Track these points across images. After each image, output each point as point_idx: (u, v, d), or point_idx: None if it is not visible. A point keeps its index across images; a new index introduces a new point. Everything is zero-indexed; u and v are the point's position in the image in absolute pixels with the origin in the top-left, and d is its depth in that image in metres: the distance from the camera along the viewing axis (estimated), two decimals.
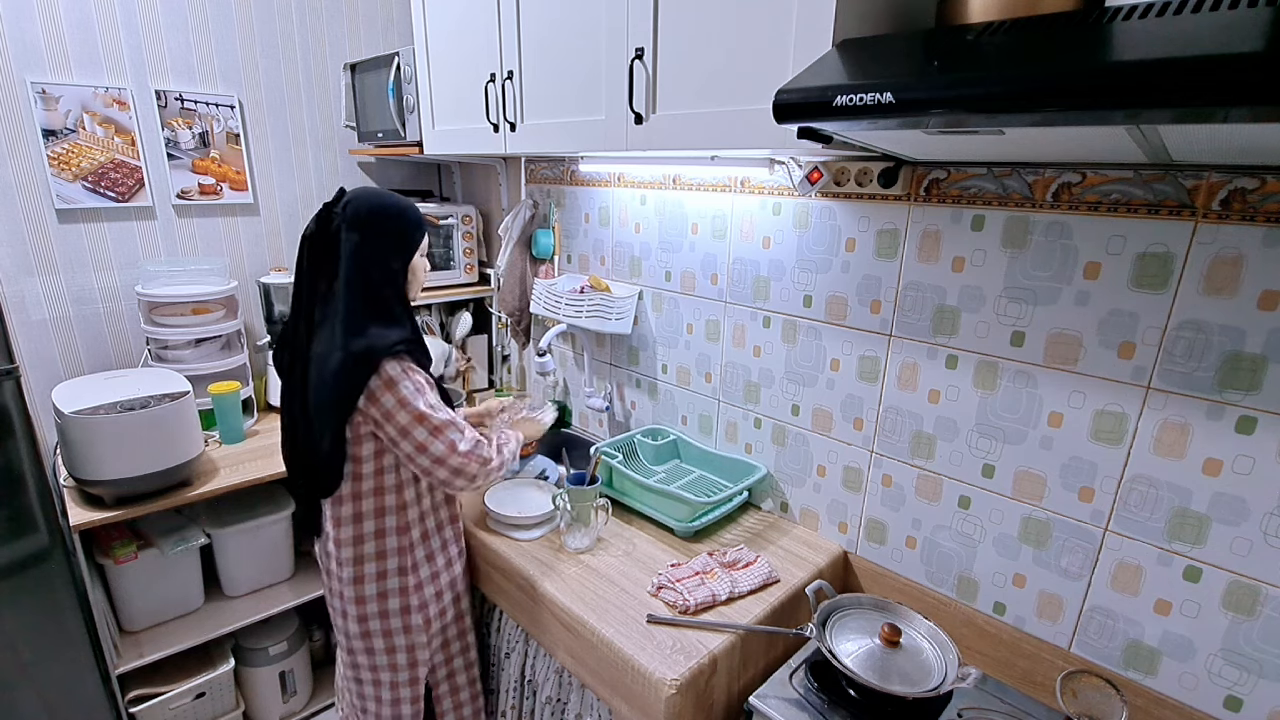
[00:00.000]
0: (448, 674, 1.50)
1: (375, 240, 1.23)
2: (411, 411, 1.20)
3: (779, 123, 0.85)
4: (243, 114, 2.06)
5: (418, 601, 1.36)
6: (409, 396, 1.20)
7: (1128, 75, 0.59)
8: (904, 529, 1.36)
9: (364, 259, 1.22)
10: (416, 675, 1.41)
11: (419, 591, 1.36)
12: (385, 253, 1.25)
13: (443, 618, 1.42)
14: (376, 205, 1.25)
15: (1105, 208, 1.01)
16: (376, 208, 1.25)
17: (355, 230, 1.22)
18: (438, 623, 1.41)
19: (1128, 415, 1.04)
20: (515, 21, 1.49)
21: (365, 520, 1.30)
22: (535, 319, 2.19)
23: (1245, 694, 0.99)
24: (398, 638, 1.36)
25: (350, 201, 1.24)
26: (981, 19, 0.87)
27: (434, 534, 1.38)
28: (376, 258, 1.24)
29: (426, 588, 1.37)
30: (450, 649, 1.48)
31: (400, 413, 1.20)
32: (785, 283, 1.45)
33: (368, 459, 1.26)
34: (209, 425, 1.88)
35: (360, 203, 1.24)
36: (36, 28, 1.71)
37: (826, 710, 1.11)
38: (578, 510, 1.42)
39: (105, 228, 1.90)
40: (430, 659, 1.43)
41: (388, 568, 1.33)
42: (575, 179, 1.92)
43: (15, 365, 1.40)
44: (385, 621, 1.34)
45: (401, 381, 1.20)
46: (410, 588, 1.35)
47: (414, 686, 1.42)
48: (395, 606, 1.34)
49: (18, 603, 1.48)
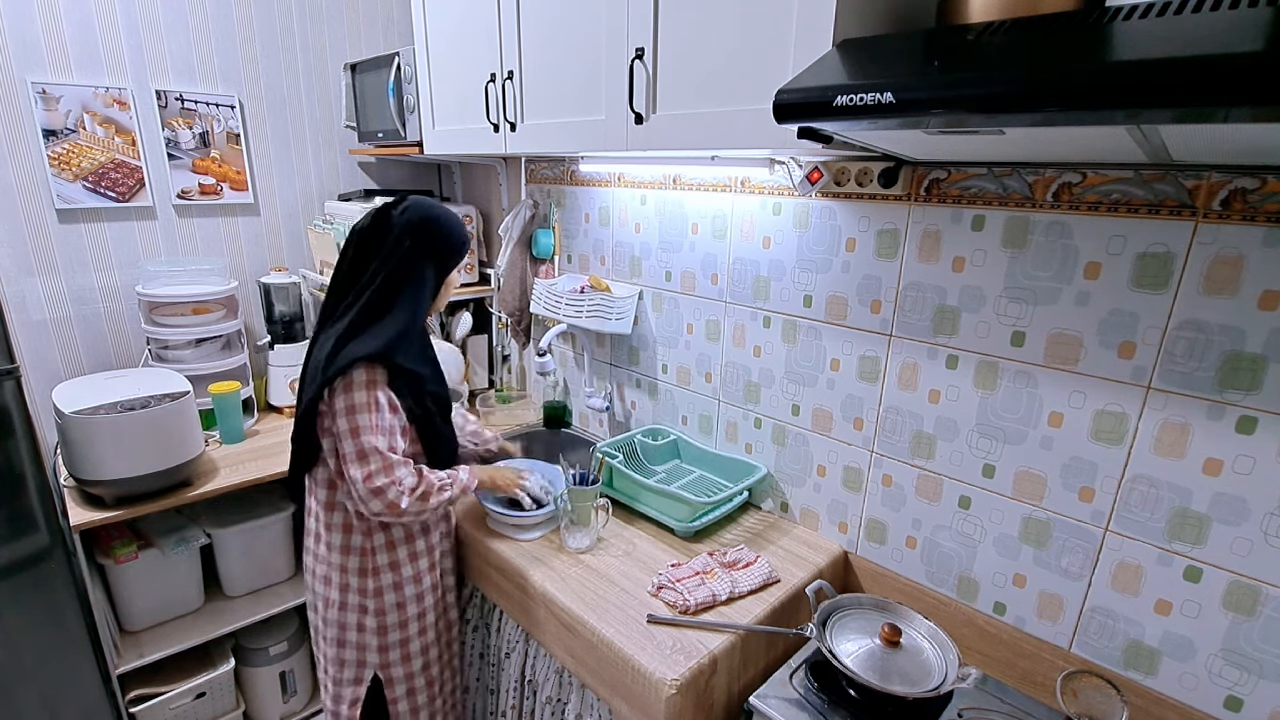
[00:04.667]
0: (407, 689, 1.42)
1: (424, 249, 1.28)
2: (350, 423, 1.20)
3: (779, 123, 0.85)
4: (243, 114, 2.06)
5: (375, 606, 1.34)
6: (357, 406, 1.20)
7: (1128, 75, 0.59)
8: (904, 529, 1.36)
9: (408, 264, 1.26)
10: (360, 675, 1.38)
11: (377, 597, 1.34)
12: (428, 263, 1.30)
13: (403, 629, 1.38)
14: (433, 216, 1.30)
15: (1105, 208, 1.01)
16: (433, 219, 1.29)
17: (409, 235, 1.26)
18: (396, 633, 1.37)
19: (1128, 415, 1.04)
20: (515, 21, 1.49)
21: (337, 510, 1.31)
22: (535, 319, 2.19)
23: (1245, 694, 0.99)
24: (349, 633, 1.36)
25: (410, 207, 1.29)
26: (982, 19, 0.87)
27: (401, 543, 1.35)
28: (419, 265, 1.28)
29: (386, 594, 1.35)
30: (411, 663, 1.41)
31: (341, 419, 1.20)
32: (785, 283, 1.45)
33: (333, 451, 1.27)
34: (209, 425, 1.88)
35: (419, 210, 1.29)
36: (37, 28, 1.71)
37: (827, 710, 1.11)
38: (578, 510, 1.42)
39: (105, 228, 1.90)
40: (381, 665, 1.38)
41: (349, 564, 1.33)
42: (575, 179, 1.92)
43: (15, 365, 1.40)
44: (342, 614, 1.35)
45: (357, 390, 1.20)
46: (369, 590, 1.33)
47: (356, 686, 1.39)
48: (353, 602, 1.34)
49: (18, 603, 1.48)
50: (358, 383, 1.21)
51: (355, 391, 1.20)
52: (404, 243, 1.26)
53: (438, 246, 1.30)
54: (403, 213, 1.28)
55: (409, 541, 1.37)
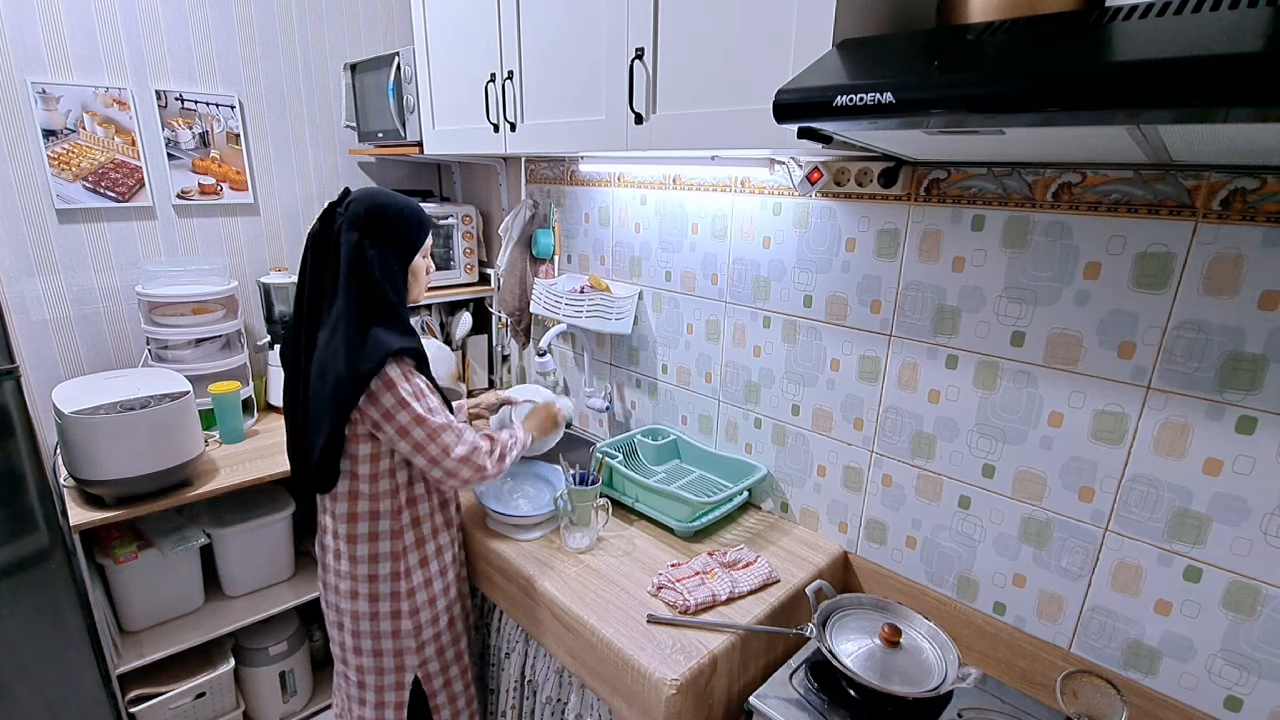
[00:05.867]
0: (444, 682, 1.47)
1: (374, 240, 1.24)
2: (410, 413, 1.21)
3: (779, 123, 0.85)
4: (243, 114, 2.06)
5: (409, 608, 1.35)
6: (408, 398, 1.21)
7: (1128, 75, 0.59)
8: (904, 529, 1.36)
9: (362, 258, 1.22)
10: (402, 680, 1.40)
11: (410, 598, 1.35)
12: (384, 253, 1.25)
13: (435, 624, 1.40)
14: (376, 205, 1.25)
15: (1105, 208, 1.01)
16: (376, 207, 1.25)
17: (355, 229, 1.22)
18: (429, 630, 1.39)
19: (1128, 415, 1.04)
20: (515, 21, 1.49)
21: (361, 521, 1.30)
22: (535, 319, 2.19)
23: (1245, 694, 0.99)
24: (385, 641, 1.36)
25: (352, 201, 1.25)
26: (982, 19, 0.87)
27: (429, 539, 1.38)
28: (375, 258, 1.23)
29: (419, 594, 1.36)
30: (445, 656, 1.45)
31: (400, 413, 1.21)
32: (785, 283, 1.45)
33: (365, 459, 1.26)
34: (209, 425, 1.88)
35: (361, 203, 1.24)
36: (37, 28, 1.71)
37: (826, 710, 1.11)
38: (578, 510, 1.42)
39: (105, 228, 1.90)
40: (420, 665, 1.41)
41: (380, 572, 1.32)
42: (575, 179, 1.92)
43: (15, 365, 1.40)
44: (375, 624, 1.35)
45: (400, 384, 1.21)
46: (403, 593, 1.34)
47: (399, 691, 1.40)
48: (386, 610, 1.34)
49: (18, 603, 1.48)
50: (397, 377, 1.21)
51: (400, 385, 1.21)
52: (357, 241, 1.22)
53: (389, 235, 1.25)
54: (346, 208, 1.24)
55: (434, 537, 1.39)
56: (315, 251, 1.26)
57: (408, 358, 1.26)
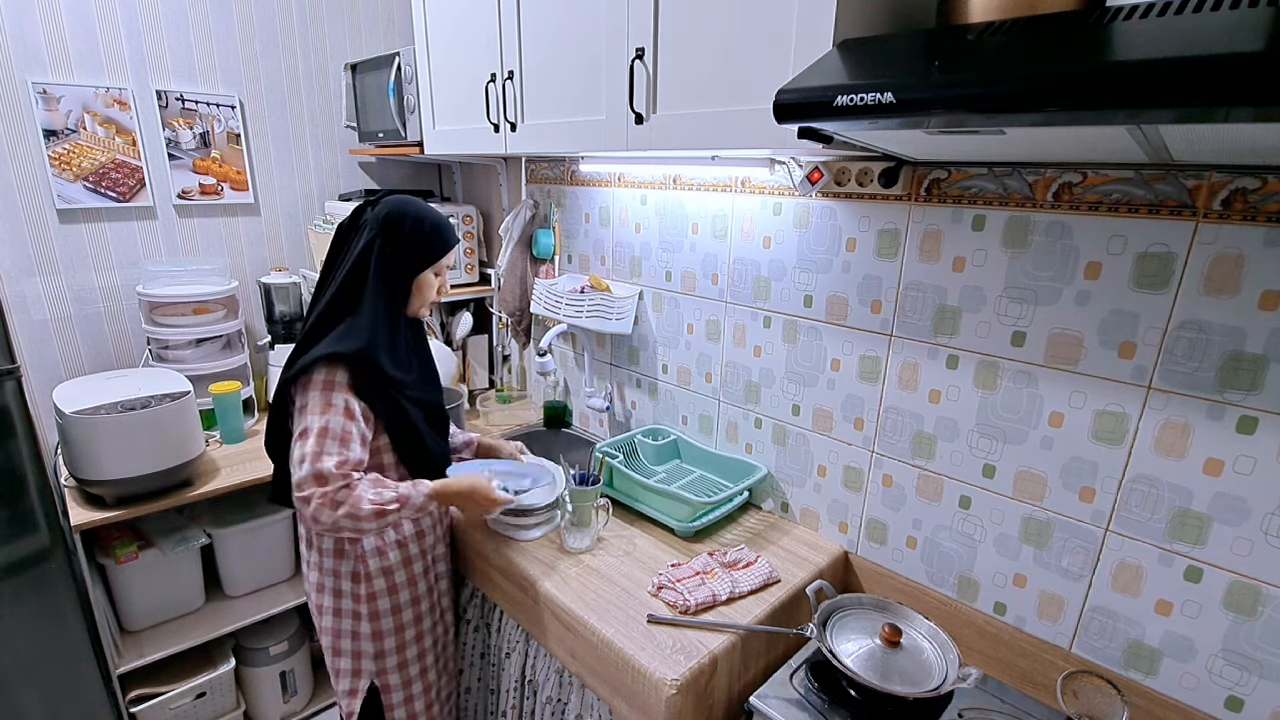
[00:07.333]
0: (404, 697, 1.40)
1: (387, 240, 1.24)
2: (305, 419, 1.17)
3: (780, 123, 0.84)
4: (243, 114, 2.06)
5: (368, 611, 1.32)
6: (308, 407, 1.17)
7: (1129, 75, 0.59)
8: (904, 529, 1.36)
9: (368, 255, 1.24)
10: (356, 686, 1.36)
11: (371, 602, 1.31)
12: (394, 256, 1.25)
13: (398, 635, 1.35)
14: (399, 211, 1.26)
15: (1106, 208, 1.01)
16: (399, 214, 1.25)
17: (374, 229, 1.24)
18: (391, 639, 1.35)
19: (1129, 415, 1.04)
20: (516, 21, 1.49)
21: None
22: (535, 319, 2.19)
23: (1246, 694, 0.99)
24: (344, 640, 1.34)
25: (383, 203, 1.27)
26: (982, 19, 0.87)
27: (392, 548, 1.33)
28: (383, 258, 1.24)
29: (380, 600, 1.32)
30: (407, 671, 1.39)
31: (300, 416, 1.18)
32: (786, 283, 1.45)
33: None
34: (210, 425, 1.88)
35: (387, 205, 1.27)
36: (37, 28, 1.71)
37: (827, 710, 1.11)
38: (578, 510, 1.42)
39: (106, 228, 1.90)
40: (378, 673, 1.36)
41: (341, 569, 1.31)
42: (575, 179, 1.92)
43: (16, 365, 1.40)
44: (337, 620, 1.33)
45: (312, 390, 1.17)
46: (362, 596, 1.31)
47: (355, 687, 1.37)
48: (347, 608, 1.32)
49: (18, 603, 1.48)
50: (314, 383, 1.18)
51: (310, 392, 1.17)
52: (371, 239, 1.23)
53: (406, 243, 1.25)
54: (375, 208, 1.26)
55: (401, 546, 1.35)
56: (335, 244, 1.29)
57: (344, 367, 1.19)
